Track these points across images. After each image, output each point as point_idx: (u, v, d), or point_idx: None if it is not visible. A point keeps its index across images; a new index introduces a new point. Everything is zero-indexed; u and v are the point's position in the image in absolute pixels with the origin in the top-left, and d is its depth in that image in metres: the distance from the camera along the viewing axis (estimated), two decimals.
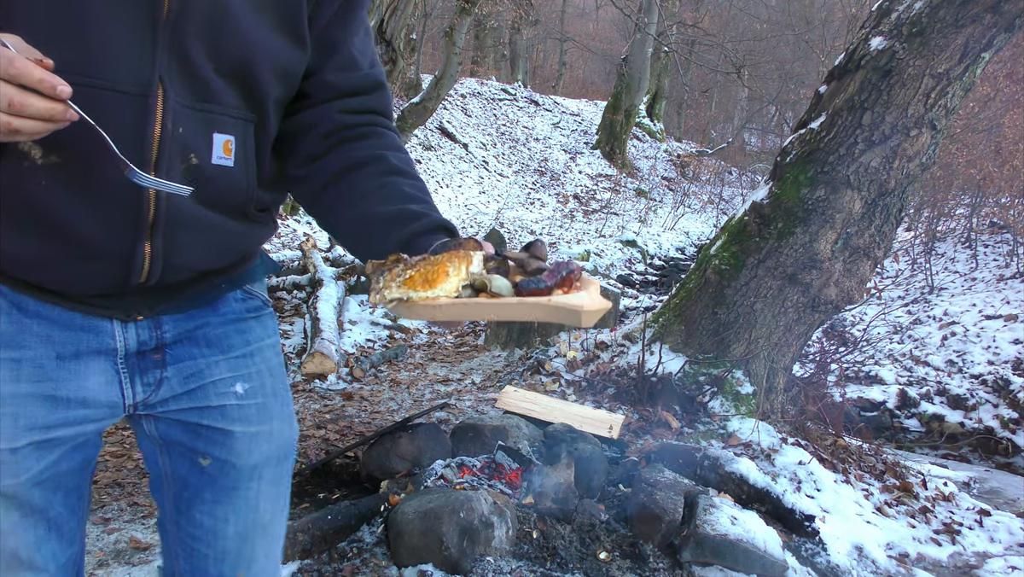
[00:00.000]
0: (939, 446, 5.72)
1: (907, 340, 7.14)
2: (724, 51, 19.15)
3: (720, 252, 4.00)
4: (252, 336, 1.12)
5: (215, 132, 0.94)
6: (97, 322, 0.96)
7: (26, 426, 0.92)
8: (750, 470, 3.06)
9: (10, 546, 0.95)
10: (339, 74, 1.06)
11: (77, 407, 0.96)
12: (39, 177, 0.85)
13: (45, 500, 0.96)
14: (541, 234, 11.36)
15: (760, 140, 25.66)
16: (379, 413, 4.05)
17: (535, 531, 2.55)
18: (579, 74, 31.42)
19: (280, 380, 1.15)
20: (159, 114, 0.87)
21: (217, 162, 0.94)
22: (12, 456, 0.92)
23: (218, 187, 0.96)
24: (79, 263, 0.90)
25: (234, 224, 1.01)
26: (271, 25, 0.96)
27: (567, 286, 0.81)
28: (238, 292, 1.11)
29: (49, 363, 0.93)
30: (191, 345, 1.05)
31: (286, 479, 1.16)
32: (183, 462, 1.08)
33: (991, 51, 3.48)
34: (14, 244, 0.88)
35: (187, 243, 0.95)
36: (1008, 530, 3.32)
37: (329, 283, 5.59)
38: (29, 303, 0.92)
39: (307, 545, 2.38)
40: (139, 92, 0.86)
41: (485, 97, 17.99)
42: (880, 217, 3.70)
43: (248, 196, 1.00)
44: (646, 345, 4.02)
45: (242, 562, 1.11)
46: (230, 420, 1.07)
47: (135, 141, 0.86)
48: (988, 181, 9.48)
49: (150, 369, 1.02)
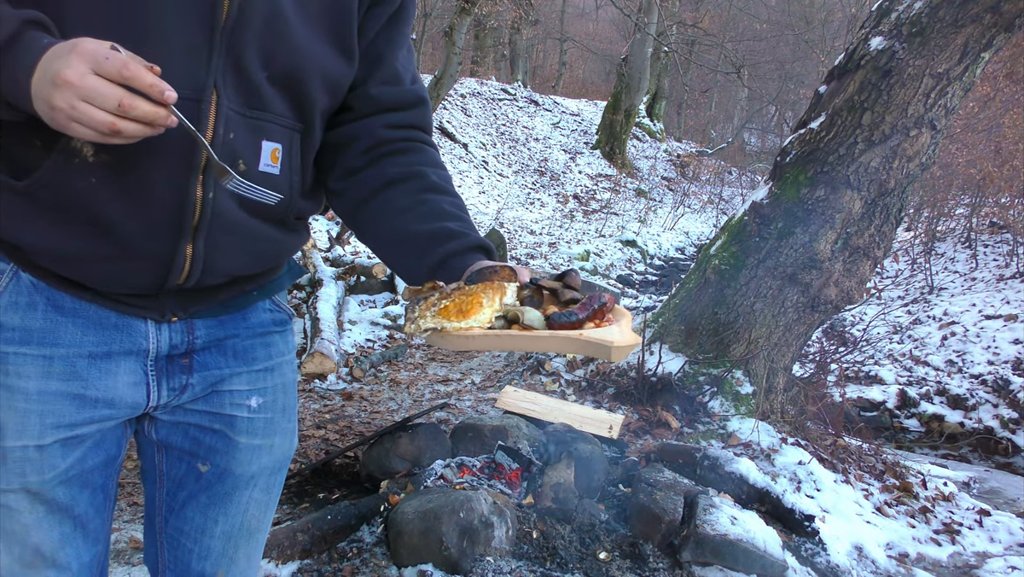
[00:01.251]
0: (939, 446, 5.72)
1: (907, 340, 7.14)
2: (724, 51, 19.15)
3: (720, 252, 4.00)
4: (275, 351, 1.13)
5: (264, 140, 0.95)
6: (131, 321, 0.97)
7: (53, 424, 0.93)
8: (750, 470, 3.06)
9: (34, 542, 0.95)
10: (382, 88, 1.08)
11: (103, 407, 0.97)
12: (89, 174, 0.86)
13: (70, 497, 0.97)
14: (541, 234, 11.36)
15: (760, 140, 25.66)
16: (379, 413, 4.05)
17: (535, 531, 2.55)
18: (579, 74, 31.42)
19: (291, 396, 1.17)
20: (212, 119, 0.89)
21: (264, 169, 0.96)
22: (39, 453, 0.92)
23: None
24: (121, 261, 0.91)
25: (273, 231, 1.02)
26: (322, 37, 0.98)
27: (599, 319, 0.82)
28: (267, 302, 1.13)
29: (80, 361, 0.94)
30: (219, 354, 1.06)
31: (277, 488, 1.18)
32: (180, 465, 1.09)
33: (991, 51, 3.48)
34: (58, 240, 0.88)
35: (227, 247, 0.96)
36: (1008, 530, 3.32)
37: (329, 283, 5.59)
38: (66, 300, 0.93)
39: (307, 545, 2.38)
40: (194, 97, 0.87)
41: (485, 97, 17.98)
42: (880, 217, 3.70)
43: (290, 205, 1.02)
44: (646, 345, 4.02)
45: (224, 561, 1.13)
46: (237, 431, 1.08)
47: (186, 146, 0.88)
48: (988, 181, 9.47)
49: (177, 374, 1.02)
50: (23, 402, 0.91)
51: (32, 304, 0.91)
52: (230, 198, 0.93)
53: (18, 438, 0.91)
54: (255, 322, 1.11)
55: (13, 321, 0.91)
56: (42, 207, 0.87)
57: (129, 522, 2.67)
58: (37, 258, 0.90)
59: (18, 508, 0.93)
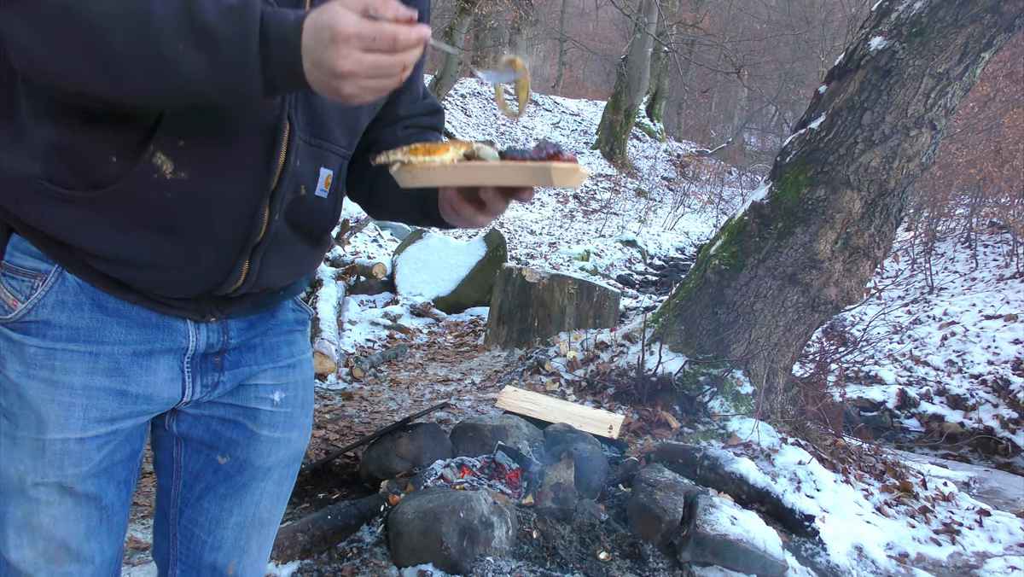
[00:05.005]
0: (939, 446, 5.72)
1: (907, 340, 7.14)
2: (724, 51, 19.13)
3: (720, 252, 4.00)
4: (296, 348, 1.18)
5: (322, 167, 1.02)
6: (172, 321, 1.01)
7: (96, 418, 0.96)
8: (750, 470, 3.06)
9: (60, 535, 0.97)
10: (408, 107, 1.17)
11: (143, 402, 1.00)
12: (165, 190, 0.89)
13: (99, 489, 1.00)
14: (541, 234, 11.36)
15: (760, 140, 25.65)
16: (379, 413, 4.05)
17: (535, 531, 2.55)
18: (579, 74, 31.41)
19: (309, 393, 1.21)
20: (284, 148, 0.94)
21: (318, 194, 1.03)
22: (79, 446, 0.96)
23: (311, 217, 1.04)
24: (180, 270, 0.95)
25: (308, 248, 1.08)
26: None
27: (552, 161, 0.87)
28: (290, 302, 1.18)
29: (124, 359, 0.97)
30: (248, 352, 1.10)
31: (290, 482, 1.21)
32: (199, 458, 1.12)
33: (991, 51, 3.48)
34: (124, 247, 0.92)
35: (274, 263, 1.02)
36: (1008, 530, 3.32)
37: (329, 283, 5.60)
38: (110, 301, 0.96)
39: (307, 545, 2.38)
40: (270, 126, 0.93)
41: (485, 97, 17.99)
42: (880, 217, 3.70)
43: (331, 225, 1.10)
44: (646, 345, 4.02)
45: (236, 553, 1.15)
46: (260, 424, 1.12)
47: (261, 170, 0.93)
48: (988, 181, 9.47)
49: (210, 371, 1.06)
50: (68, 396, 0.94)
51: (79, 304, 0.95)
52: (284, 219, 0.99)
53: (61, 431, 0.94)
54: (282, 320, 1.16)
55: (60, 319, 0.94)
56: (114, 216, 0.90)
57: (129, 522, 2.67)
58: (95, 262, 0.93)
59: (48, 501, 0.96)
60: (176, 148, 0.88)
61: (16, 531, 0.96)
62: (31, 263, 0.94)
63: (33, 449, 0.94)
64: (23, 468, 0.94)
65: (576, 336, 4.85)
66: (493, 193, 0.92)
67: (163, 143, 0.87)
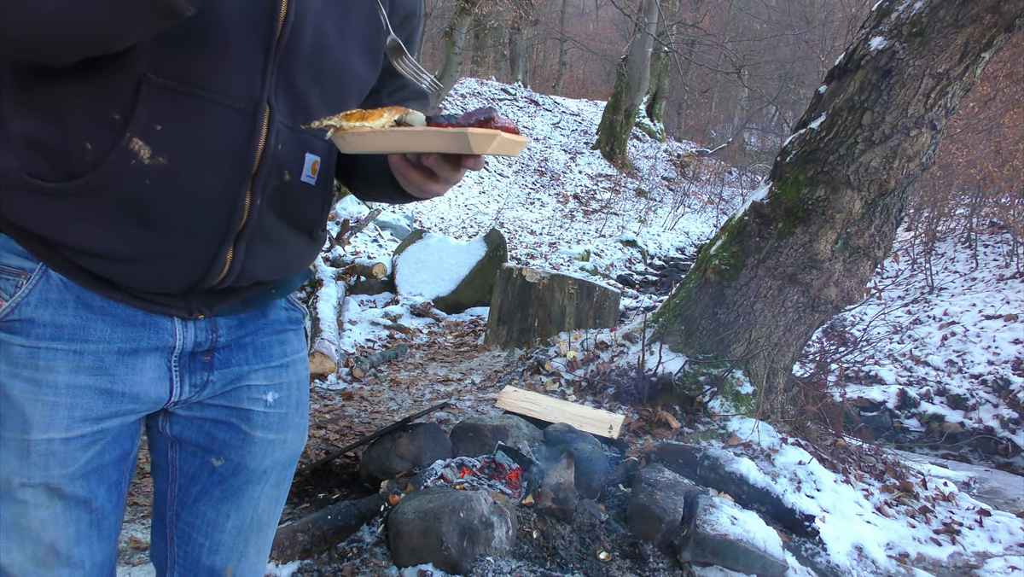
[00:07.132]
0: (939, 446, 5.72)
1: (907, 340, 7.14)
2: (724, 51, 19.14)
3: (720, 252, 4.00)
4: (290, 348, 1.17)
5: (307, 152, 1.01)
6: (158, 319, 1.00)
7: (80, 417, 0.95)
8: (750, 470, 3.06)
9: (49, 539, 0.96)
10: (394, 95, 1.16)
11: (129, 401, 0.99)
12: (143, 177, 0.88)
13: (88, 491, 0.98)
14: (541, 234, 11.36)
15: (760, 140, 25.64)
16: (379, 413, 4.05)
17: (535, 531, 2.55)
18: (579, 74, 31.41)
19: (304, 393, 1.19)
20: (264, 131, 0.94)
21: (305, 180, 1.02)
22: (64, 446, 0.94)
23: (299, 204, 1.03)
24: (164, 262, 0.94)
25: (300, 240, 1.08)
26: (359, 53, 1.04)
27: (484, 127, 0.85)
28: (283, 300, 1.17)
29: (109, 357, 0.96)
30: (239, 351, 1.09)
31: (287, 483, 1.20)
32: (193, 460, 1.11)
33: (991, 51, 3.48)
34: (104, 240, 0.91)
35: (262, 253, 1.01)
36: (1008, 530, 3.32)
37: (329, 283, 5.60)
38: (95, 299, 0.95)
39: (307, 545, 2.38)
40: (249, 110, 0.92)
41: (485, 97, 17.98)
42: (880, 217, 3.70)
43: (321, 215, 1.09)
44: (646, 345, 4.02)
45: (234, 556, 1.14)
46: (253, 425, 1.11)
47: (240, 154, 0.93)
48: (988, 181, 9.46)
49: (199, 370, 1.05)
50: (52, 396, 0.93)
51: (62, 301, 0.94)
52: (269, 207, 0.98)
53: (45, 431, 0.93)
54: (273, 319, 1.14)
55: (44, 317, 0.93)
56: (91, 207, 0.89)
57: (129, 522, 2.67)
58: (76, 257, 0.92)
59: (36, 503, 0.94)
60: (153, 132, 0.87)
61: (5, 534, 0.95)
62: (16, 261, 0.93)
63: (19, 450, 0.93)
64: (9, 469, 0.93)
65: (576, 336, 4.85)
66: (435, 159, 0.91)
67: (140, 128, 0.87)
